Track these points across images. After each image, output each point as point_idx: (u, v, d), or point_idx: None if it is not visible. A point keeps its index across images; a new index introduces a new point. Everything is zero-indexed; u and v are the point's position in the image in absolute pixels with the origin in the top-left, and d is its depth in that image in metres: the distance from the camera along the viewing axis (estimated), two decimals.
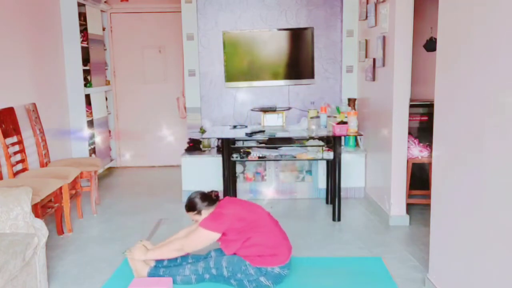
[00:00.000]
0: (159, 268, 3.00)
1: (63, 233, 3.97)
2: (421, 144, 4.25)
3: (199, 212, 3.00)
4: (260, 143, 4.46)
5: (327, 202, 4.77)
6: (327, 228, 4.07)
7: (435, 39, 4.53)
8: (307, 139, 4.51)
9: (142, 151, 6.70)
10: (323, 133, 4.30)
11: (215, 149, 5.16)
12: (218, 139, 4.90)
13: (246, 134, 4.34)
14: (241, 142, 4.53)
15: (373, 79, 4.48)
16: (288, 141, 4.41)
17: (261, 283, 2.85)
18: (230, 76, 5.30)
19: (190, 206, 3.03)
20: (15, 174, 3.95)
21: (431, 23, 4.61)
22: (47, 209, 3.83)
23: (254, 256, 2.87)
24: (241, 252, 2.90)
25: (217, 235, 2.90)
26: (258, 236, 2.89)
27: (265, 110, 4.80)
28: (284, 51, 5.29)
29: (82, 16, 5.55)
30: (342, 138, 4.52)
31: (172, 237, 3.23)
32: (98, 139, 5.88)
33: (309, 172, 5.03)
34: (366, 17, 4.64)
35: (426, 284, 2.91)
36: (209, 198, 3.04)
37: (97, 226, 4.26)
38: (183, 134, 6.12)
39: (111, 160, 6.47)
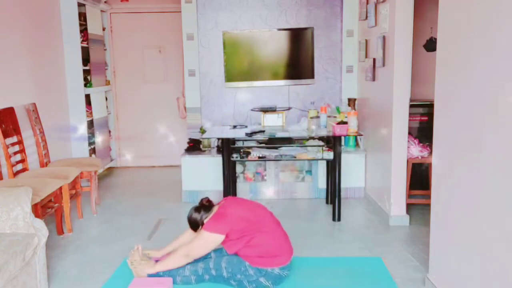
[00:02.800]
0: None
1: (63, 233, 3.97)
2: (421, 144, 4.25)
3: (203, 224, 2.97)
4: (260, 143, 4.46)
5: (327, 202, 4.77)
6: (327, 228, 4.07)
7: (435, 39, 4.53)
8: (307, 139, 4.51)
9: (142, 151, 6.70)
10: (323, 133, 4.29)
11: (215, 149, 5.16)
12: (218, 139, 4.91)
13: (246, 134, 4.34)
14: (241, 142, 4.53)
15: (373, 79, 4.48)
16: (288, 141, 4.41)
17: (261, 284, 2.84)
18: (230, 76, 5.30)
19: (193, 225, 3.00)
20: (15, 174, 3.95)
21: (431, 23, 4.61)
22: (47, 209, 3.83)
23: (255, 257, 2.86)
24: (242, 252, 2.89)
25: (222, 237, 2.87)
26: (260, 236, 2.88)
27: (265, 110, 4.80)
28: (284, 51, 5.28)
29: (82, 16, 5.55)
30: (342, 138, 4.51)
31: (176, 241, 3.17)
32: (98, 139, 5.88)
33: (309, 172, 5.03)
34: (366, 17, 4.64)
35: (426, 284, 2.91)
36: (202, 206, 3.00)
37: (97, 226, 4.26)
38: (183, 134, 6.12)
39: (111, 160, 6.47)
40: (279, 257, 2.89)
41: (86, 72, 5.63)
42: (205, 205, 3.02)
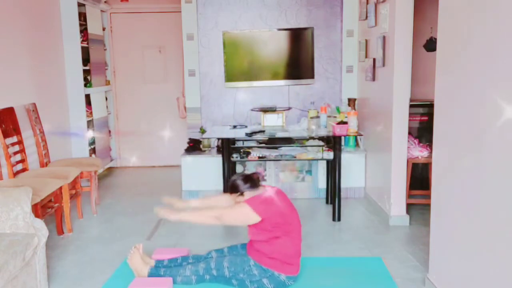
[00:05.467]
0: (160, 268, 2.99)
1: (63, 233, 3.97)
2: (421, 144, 4.25)
3: (242, 194, 2.88)
4: (260, 143, 4.46)
5: (327, 202, 4.77)
6: (327, 228, 4.07)
7: (435, 39, 4.53)
8: (307, 139, 4.51)
9: (142, 151, 6.70)
10: (323, 133, 4.29)
11: (215, 149, 5.16)
12: (218, 139, 4.91)
13: (246, 134, 4.33)
14: (241, 142, 4.53)
15: (373, 79, 4.48)
16: (288, 141, 4.41)
17: (263, 285, 2.81)
18: (230, 76, 5.30)
19: (232, 188, 2.92)
20: (15, 174, 3.95)
21: (431, 23, 4.61)
22: (47, 209, 3.83)
23: (267, 257, 2.82)
24: (259, 246, 2.85)
25: (257, 219, 2.77)
26: (285, 239, 2.82)
27: (265, 110, 4.79)
28: (284, 51, 5.28)
29: (82, 16, 5.55)
30: (342, 138, 4.52)
31: (206, 199, 3.14)
32: (98, 139, 5.88)
33: (309, 172, 5.03)
34: (366, 17, 4.64)
35: (426, 284, 2.91)
36: (251, 180, 2.92)
37: (97, 226, 4.26)
38: (183, 134, 6.12)
39: (111, 160, 6.47)
40: (291, 266, 2.86)
41: (86, 72, 5.63)
42: (254, 180, 2.92)
